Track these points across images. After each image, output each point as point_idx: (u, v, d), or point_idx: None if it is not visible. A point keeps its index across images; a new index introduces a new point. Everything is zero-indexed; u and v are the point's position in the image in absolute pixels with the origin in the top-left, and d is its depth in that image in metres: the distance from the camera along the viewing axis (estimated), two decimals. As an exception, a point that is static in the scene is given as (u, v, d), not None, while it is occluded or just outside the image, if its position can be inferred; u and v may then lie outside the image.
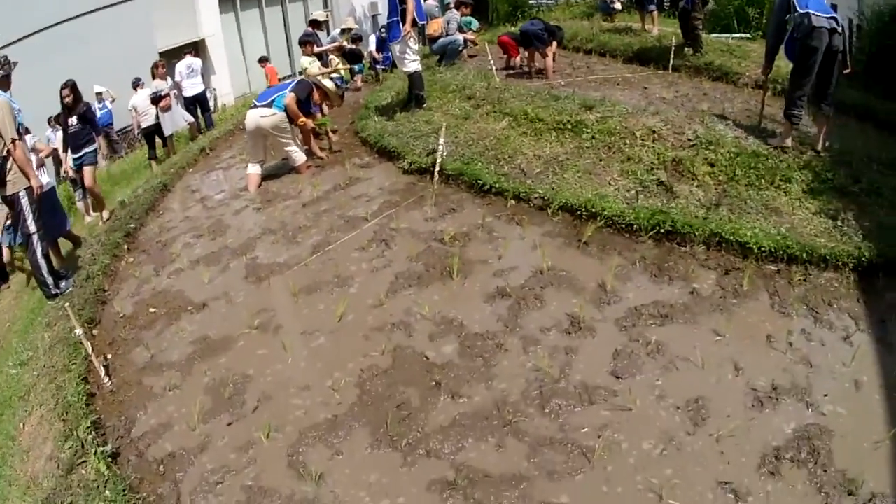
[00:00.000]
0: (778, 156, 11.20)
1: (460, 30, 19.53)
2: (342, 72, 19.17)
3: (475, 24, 21.20)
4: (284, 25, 32.05)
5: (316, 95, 13.70)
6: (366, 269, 9.46)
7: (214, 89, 24.94)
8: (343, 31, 21.07)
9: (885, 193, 10.58)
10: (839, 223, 9.79)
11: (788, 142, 11.64)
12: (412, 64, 14.45)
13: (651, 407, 7.02)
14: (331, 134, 14.65)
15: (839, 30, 11.40)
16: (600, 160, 11.35)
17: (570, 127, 12.28)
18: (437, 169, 11.56)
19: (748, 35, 22.73)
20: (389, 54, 20.62)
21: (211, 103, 22.78)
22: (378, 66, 21.12)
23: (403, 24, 13.91)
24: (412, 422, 6.93)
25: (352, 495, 6.29)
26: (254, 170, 12.78)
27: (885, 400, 7.27)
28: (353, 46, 20.31)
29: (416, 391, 7.28)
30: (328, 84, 14.29)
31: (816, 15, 11.01)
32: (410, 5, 13.91)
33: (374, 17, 35.75)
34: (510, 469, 6.44)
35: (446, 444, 6.67)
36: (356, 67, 20.03)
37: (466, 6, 20.79)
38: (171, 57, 22.47)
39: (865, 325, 8.31)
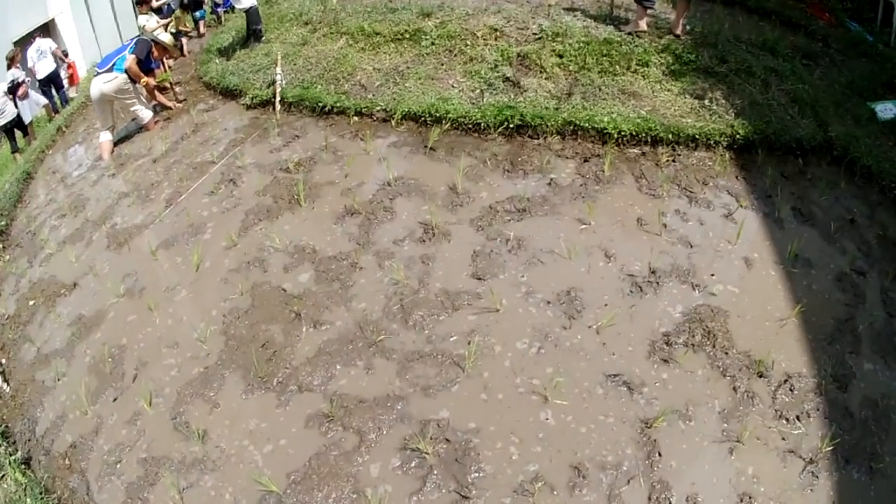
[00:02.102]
0: (632, 41, 11.12)
1: None
2: (179, 23, 18.54)
3: None
4: None
5: (155, 52, 13.11)
6: (216, 212, 9.06)
7: (73, 60, 24.05)
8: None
9: (757, 72, 10.74)
10: (707, 103, 9.96)
11: (643, 25, 11.47)
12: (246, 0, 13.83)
13: (520, 305, 6.84)
14: (174, 86, 14.06)
15: None
16: (442, 65, 11.14)
17: (408, 36, 12.02)
18: (278, 99, 11.18)
19: None
20: (230, -5, 19.97)
21: (65, 80, 21.93)
22: (219, 9, 20.27)
23: None
24: (279, 359, 6.75)
25: (236, 447, 6.18)
26: (105, 137, 12.17)
27: (782, 277, 7.55)
28: (191, -8, 19.60)
29: (278, 326, 7.07)
30: (165, 38, 13.69)
31: None
32: None
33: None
34: (383, 391, 6.29)
35: (315, 375, 6.51)
36: (198, 14, 19.29)
37: None
38: (24, 43, 21.58)
39: (749, 201, 8.55)
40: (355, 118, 10.35)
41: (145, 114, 12.28)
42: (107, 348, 7.43)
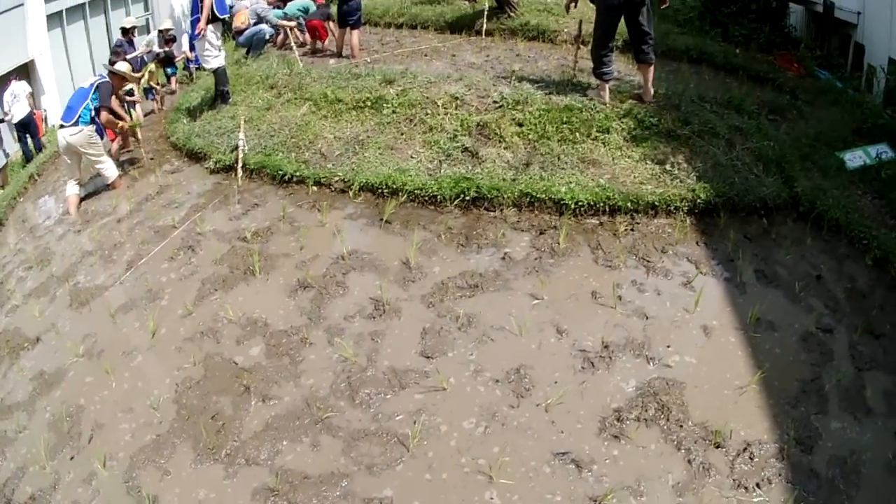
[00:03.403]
0: (594, 108, 11.09)
1: (287, 18, 19.00)
2: (152, 78, 18.61)
3: (312, 6, 20.34)
4: (108, 33, 31.16)
5: (114, 84, 13.09)
6: (174, 278, 9.12)
7: (45, 110, 24.01)
8: (160, 32, 20.37)
9: (721, 133, 10.79)
10: (669, 167, 9.99)
11: (606, 95, 11.47)
12: (214, 60, 13.98)
13: (467, 384, 6.88)
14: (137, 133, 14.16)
15: None
16: (402, 134, 11.20)
17: (370, 104, 12.08)
18: (240, 165, 11.25)
19: None
20: (201, 52, 20.02)
21: (42, 125, 21.95)
22: (192, 66, 20.52)
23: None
24: (228, 431, 6.78)
25: (186, 516, 6.19)
26: (72, 191, 12.19)
27: (742, 343, 7.53)
28: (167, 49, 19.63)
29: (228, 399, 7.12)
30: (122, 67, 13.52)
31: None
32: (207, 0, 13.37)
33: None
34: (328, 467, 6.32)
35: (262, 449, 6.55)
36: (169, 70, 19.36)
37: None
38: (3, 82, 21.66)
39: (709, 267, 8.60)
40: (314, 188, 10.41)
41: (111, 172, 12.29)
42: (65, 407, 7.48)
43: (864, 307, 8.16)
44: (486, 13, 17.26)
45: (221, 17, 13.94)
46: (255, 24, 17.08)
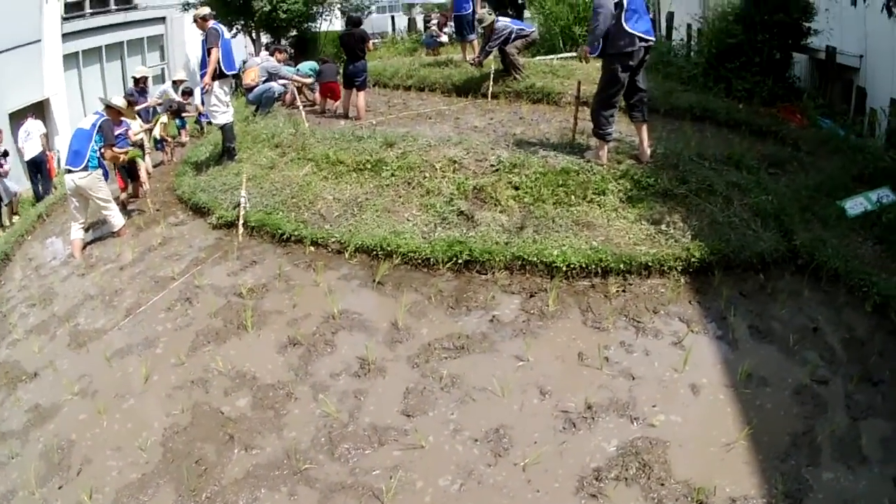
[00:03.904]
0: (591, 170, 11.19)
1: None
2: (164, 129, 18.78)
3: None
4: (122, 77, 31.45)
5: (112, 118, 13.29)
6: (170, 328, 9.32)
7: (58, 151, 24.29)
8: (175, 83, 20.79)
9: (719, 189, 10.79)
10: (664, 227, 10.03)
11: (604, 156, 11.58)
12: (222, 116, 14.20)
13: (446, 442, 6.95)
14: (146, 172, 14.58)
15: (653, 44, 11.52)
16: (400, 197, 11.38)
17: (370, 166, 12.27)
18: (241, 222, 11.44)
19: (574, 54, 22.47)
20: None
21: (55, 165, 22.20)
22: (203, 119, 20.48)
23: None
24: (209, 476, 6.91)
25: (165, 555, 6.31)
26: (77, 235, 12.42)
27: (731, 400, 7.45)
28: (181, 100, 19.83)
29: (212, 446, 7.26)
30: (118, 102, 13.70)
31: (641, 37, 11.00)
32: (213, 55, 13.63)
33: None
34: None
35: (241, 496, 6.64)
36: (177, 122, 19.53)
37: (280, 52, 20.32)
38: (19, 117, 21.97)
39: (701, 325, 8.53)
40: (311, 248, 10.56)
41: (117, 220, 12.57)
42: (57, 440, 7.66)
43: (861, 356, 8.12)
44: (492, 76, 17.56)
45: (229, 73, 14.16)
46: (266, 81, 17.31)
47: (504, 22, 17.51)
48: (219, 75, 13.88)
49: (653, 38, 11.42)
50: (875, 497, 6.38)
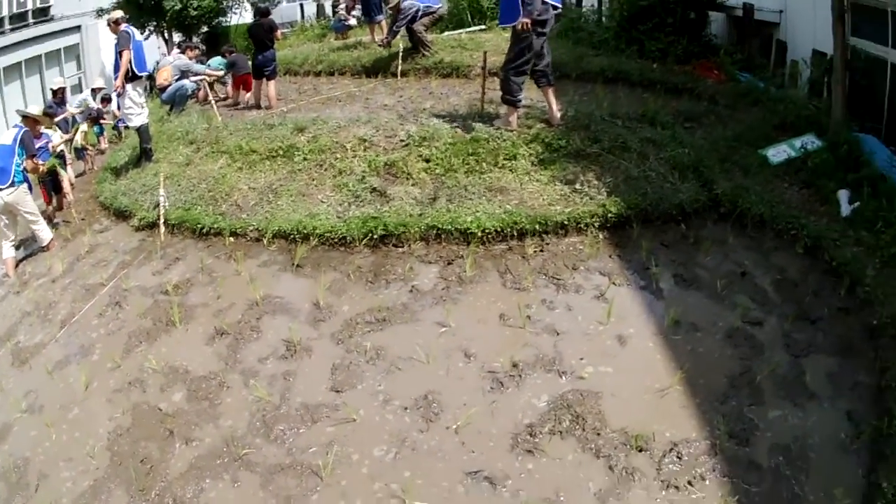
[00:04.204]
0: (501, 136, 11.24)
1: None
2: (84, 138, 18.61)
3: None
4: (43, 93, 31.05)
5: (29, 127, 13.17)
6: (104, 333, 9.32)
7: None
8: (93, 90, 20.67)
9: (633, 146, 10.90)
10: (579, 186, 10.15)
11: (514, 122, 11.63)
12: (137, 118, 14.06)
13: (377, 413, 7.04)
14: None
15: (560, 10, 11.71)
16: (313, 180, 11.40)
17: (282, 153, 12.26)
18: (162, 221, 11.44)
19: (483, 27, 22.71)
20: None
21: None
22: (121, 125, 19.75)
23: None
24: (156, 473, 6.97)
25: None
26: (9, 253, 12.29)
27: (661, 347, 7.59)
28: (99, 107, 19.69)
29: (155, 444, 7.32)
30: (34, 110, 13.63)
31: (554, 4, 11.24)
32: (125, 57, 13.54)
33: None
34: (248, 502, 6.49)
35: (188, 488, 6.71)
36: (95, 129, 19.34)
37: (191, 49, 20.12)
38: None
39: (623, 278, 8.72)
40: (231, 239, 10.61)
41: (45, 234, 12.44)
42: (13, 459, 7.66)
43: (796, 296, 8.27)
44: (400, 54, 17.58)
45: (141, 74, 14.02)
46: (178, 79, 17.19)
47: (410, 1, 17.41)
48: (131, 77, 13.77)
49: (560, 5, 11.63)
50: (829, 431, 6.53)
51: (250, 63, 17.21)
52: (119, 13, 14.74)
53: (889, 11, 13.11)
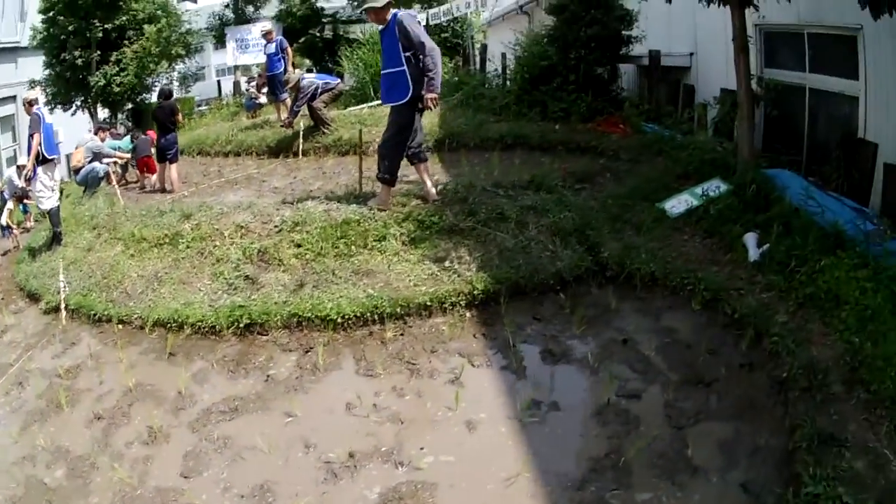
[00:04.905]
0: (373, 217, 11.24)
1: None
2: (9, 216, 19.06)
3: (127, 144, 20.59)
4: None
5: None
6: (8, 411, 9.73)
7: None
8: (18, 167, 20.56)
9: (511, 216, 10.82)
10: (448, 264, 10.03)
11: (388, 201, 11.65)
12: (47, 201, 14.54)
13: (217, 500, 7.33)
14: None
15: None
16: (194, 268, 11.51)
17: (168, 240, 12.40)
18: (62, 306, 11.84)
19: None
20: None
21: None
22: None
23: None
24: None
25: None
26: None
27: (513, 431, 7.29)
28: (24, 185, 19.94)
29: None
30: None
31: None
32: (35, 140, 14.02)
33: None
34: None
35: None
36: (21, 208, 19.74)
37: (103, 130, 20.70)
38: None
39: (483, 359, 8.47)
40: (119, 326, 10.89)
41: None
42: None
43: (687, 359, 7.88)
44: (301, 134, 18.03)
45: (51, 157, 14.47)
46: (90, 161, 17.64)
47: (309, 78, 17.99)
48: (42, 160, 14.22)
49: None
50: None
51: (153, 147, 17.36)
52: (34, 94, 15.32)
53: (805, 34, 13.07)
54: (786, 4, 12.11)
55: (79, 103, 32.15)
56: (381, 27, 11.35)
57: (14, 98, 33.52)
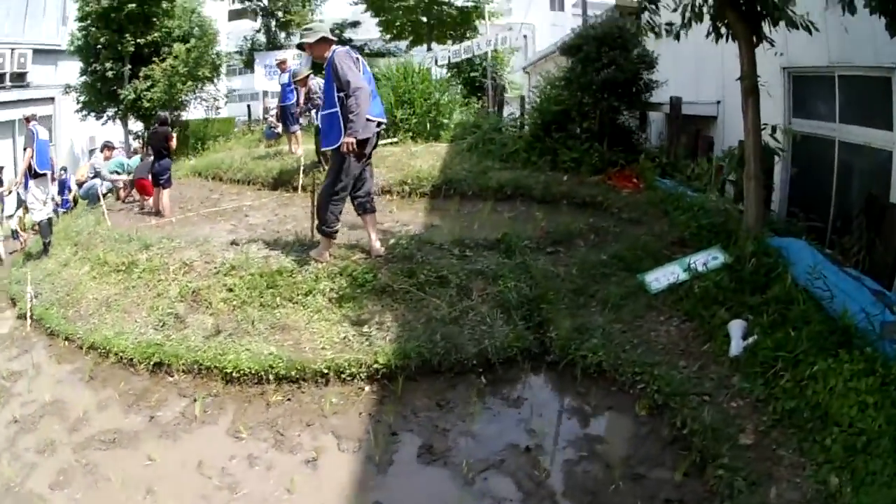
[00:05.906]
0: (307, 269, 10.98)
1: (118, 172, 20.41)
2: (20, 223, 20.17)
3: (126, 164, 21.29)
4: (14, 159, 30.98)
5: None
6: None
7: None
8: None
9: (454, 281, 10.24)
10: (366, 329, 9.62)
11: (327, 255, 11.24)
12: (38, 213, 15.66)
13: None
14: None
15: (384, 124, 11.35)
16: (139, 298, 11.81)
17: (125, 268, 12.75)
18: (29, 315, 12.81)
19: (395, 139, 21.13)
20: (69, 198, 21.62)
21: None
22: (59, 209, 21.17)
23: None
24: None
25: None
26: None
27: None
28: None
29: None
30: None
31: (379, 121, 10.81)
32: (27, 154, 15.07)
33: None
34: None
35: None
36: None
37: (109, 149, 21.48)
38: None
39: (355, 443, 7.88)
40: (65, 342, 11.43)
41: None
42: None
43: (597, 485, 6.64)
44: (301, 168, 17.82)
45: (42, 171, 15.51)
46: (93, 177, 18.87)
47: (318, 80, 17.40)
48: (34, 174, 15.27)
49: (385, 120, 11.42)
50: None
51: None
52: (31, 111, 16.40)
53: (836, 77, 11.51)
54: (816, 44, 10.82)
55: (111, 113, 33.09)
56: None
57: (52, 100, 34.89)
